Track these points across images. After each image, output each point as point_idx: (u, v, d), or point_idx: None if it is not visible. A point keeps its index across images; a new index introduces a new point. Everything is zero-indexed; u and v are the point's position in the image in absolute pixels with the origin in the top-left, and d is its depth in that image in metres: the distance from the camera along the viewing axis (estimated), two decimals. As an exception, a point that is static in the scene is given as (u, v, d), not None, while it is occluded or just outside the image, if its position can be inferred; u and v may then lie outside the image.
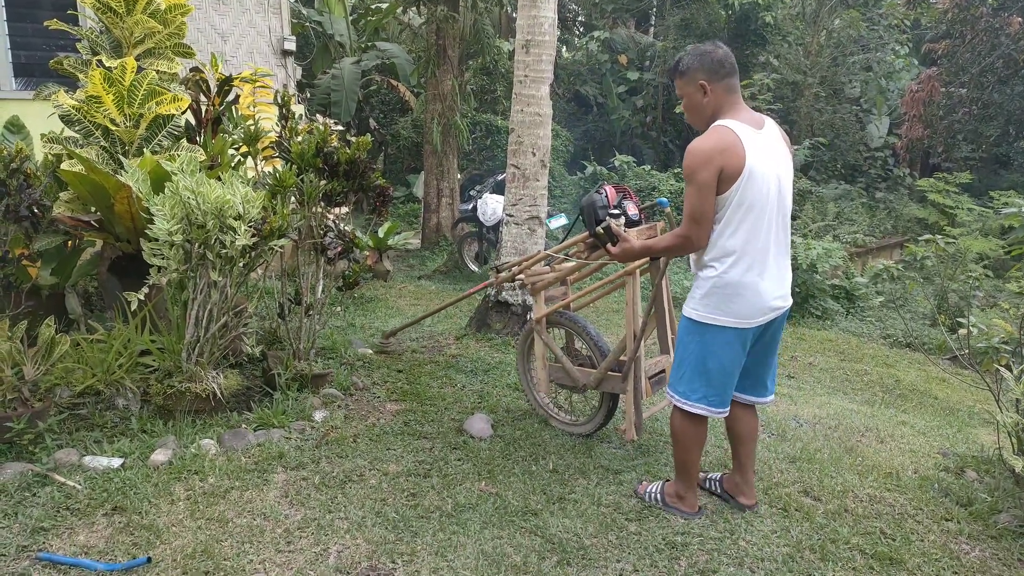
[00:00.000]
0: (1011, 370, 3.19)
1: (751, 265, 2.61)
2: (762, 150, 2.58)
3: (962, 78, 13.28)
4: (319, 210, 3.97)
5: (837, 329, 7.96)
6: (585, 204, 3.15)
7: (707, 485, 3.14)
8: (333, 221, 4.07)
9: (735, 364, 2.73)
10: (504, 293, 5.40)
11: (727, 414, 2.81)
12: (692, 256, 2.77)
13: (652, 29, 17.35)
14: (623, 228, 3.04)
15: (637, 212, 3.25)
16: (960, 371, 6.25)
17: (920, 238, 8.27)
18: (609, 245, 2.95)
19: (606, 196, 3.15)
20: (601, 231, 2.98)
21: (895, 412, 4.91)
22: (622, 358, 3.35)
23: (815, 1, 12.93)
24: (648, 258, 3.12)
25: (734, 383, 2.79)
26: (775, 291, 2.68)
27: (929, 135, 13.59)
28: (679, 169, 12.33)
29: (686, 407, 2.77)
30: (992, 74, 13.13)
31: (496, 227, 7.95)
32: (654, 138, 15.05)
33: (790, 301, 2.80)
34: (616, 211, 3.12)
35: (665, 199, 3.53)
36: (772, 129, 2.69)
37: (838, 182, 13.65)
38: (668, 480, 3.05)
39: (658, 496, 2.98)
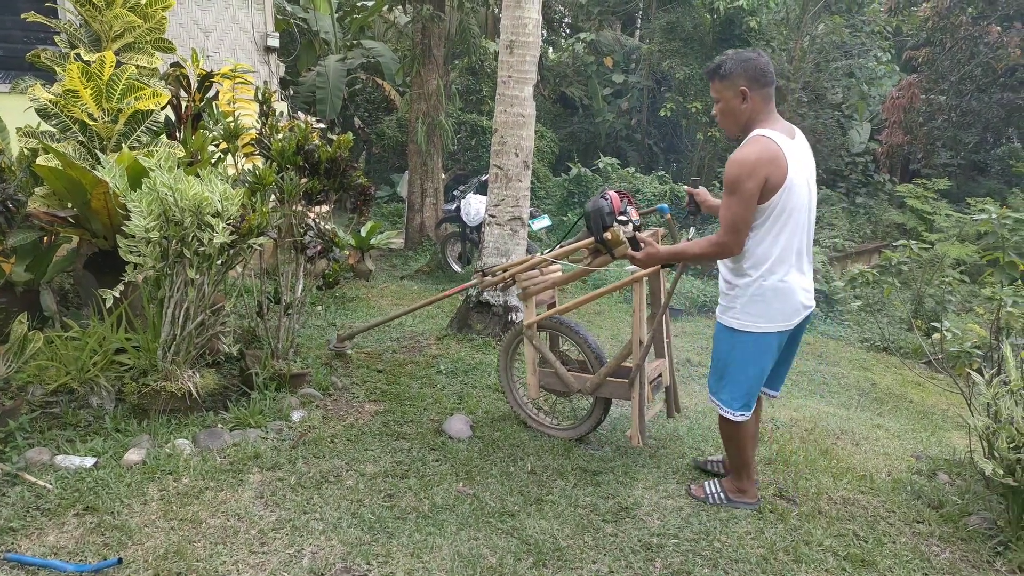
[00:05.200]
0: (983, 374, 3.24)
1: (788, 270, 2.71)
2: (797, 160, 2.66)
3: (942, 85, 13.45)
4: (299, 208, 3.95)
5: (816, 332, 8.05)
6: (591, 210, 3.15)
7: (710, 467, 3.31)
8: (313, 220, 4.05)
9: (771, 366, 2.86)
10: (485, 294, 5.39)
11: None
12: (727, 264, 2.84)
13: (638, 32, 17.42)
14: (634, 233, 3.07)
15: (638, 218, 3.26)
16: (935, 375, 6.33)
17: (895, 243, 8.39)
18: (630, 250, 2.99)
19: (610, 202, 3.15)
20: (622, 239, 3.02)
21: (871, 415, 4.97)
22: (624, 364, 3.36)
23: (799, 7, 13.04)
24: (659, 265, 3.15)
25: (766, 379, 2.92)
26: (807, 291, 2.81)
27: (909, 141, 13.75)
28: (663, 172, 12.40)
29: (733, 416, 2.87)
30: (971, 82, 13.32)
31: (479, 227, 7.94)
32: (638, 140, 15.11)
33: (814, 300, 2.93)
34: (623, 217, 3.14)
35: (666, 205, 3.54)
36: (801, 138, 2.79)
37: (819, 187, 13.77)
38: (722, 478, 3.15)
39: (722, 496, 3.06)
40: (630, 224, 3.13)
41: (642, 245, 2.96)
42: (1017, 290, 6.40)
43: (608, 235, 3.08)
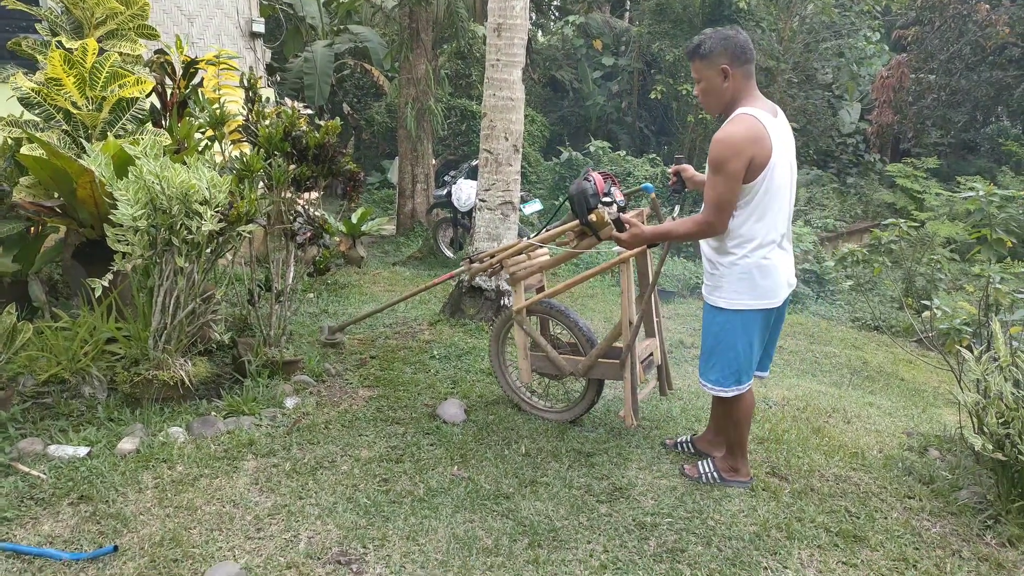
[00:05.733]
0: (972, 351, 3.26)
1: (772, 248, 2.72)
2: (780, 139, 2.66)
3: (931, 64, 13.46)
4: (288, 195, 3.92)
5: (807, 312, 8.09)
6: (575, 193, 3.13)
7: (679, 448, 3.33)
8: (303, 206, 4.02)
9: (762, 342, 2.89)
10: (477, 279, 5.39)
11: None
12: (710, 243, 2.84)
13: (627, 14, 17.33)
14: (618, 215, 3.06)
15: (623, 198, 3.26)
16: (926, 353, 6.38)
17: (885, 223, 8.41)
18: (616, 232, 2.99)
19: (594, 183, 3.14)
20: (607, 220, 3.01)
21: (862, 393, 5.01)
22: (616, 345, 3.37)
23: (788, -13, 12.99)
24: (645, 245, 3.15)
25: (758, 358, 2.94)
26: (791, 268, 2.84)
27: (899, 121, 13.77)
28: (655, 155, 12.38)
29: (725, 394, 2.88)
30: (960, 60, 13.32)
31: (471, 213, 7.92)
32: (629, 123, 15.07)
33: (795, 278, 2.96)
34: (607, 198, 3.13)
35: (650, 185, 3.54)
36: (782, 117, 2.78)
37: (810, 167, 13.80)
38: (714, 457, 3.16)
39: (716, 475, 3.08)
40: (615, 205, 3.13)
41: (627, 226, 2.96)
42: (1005, 267, 6.44)
43: (593, 217, 3.08)
